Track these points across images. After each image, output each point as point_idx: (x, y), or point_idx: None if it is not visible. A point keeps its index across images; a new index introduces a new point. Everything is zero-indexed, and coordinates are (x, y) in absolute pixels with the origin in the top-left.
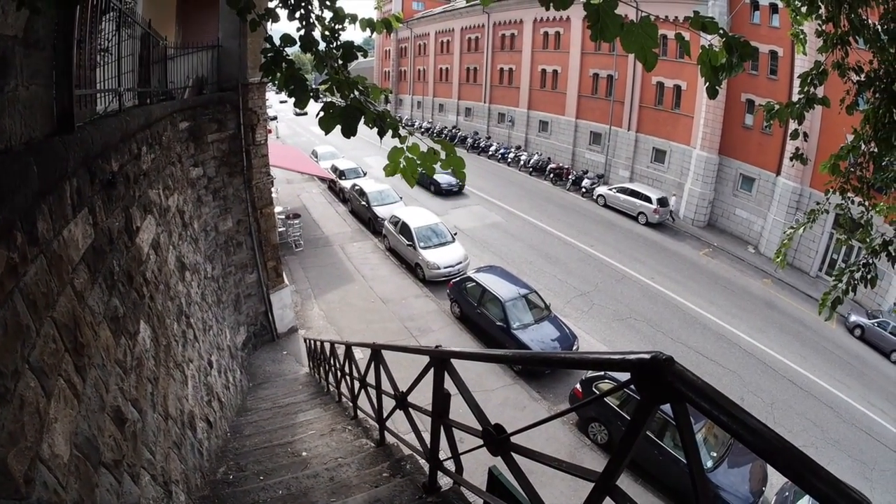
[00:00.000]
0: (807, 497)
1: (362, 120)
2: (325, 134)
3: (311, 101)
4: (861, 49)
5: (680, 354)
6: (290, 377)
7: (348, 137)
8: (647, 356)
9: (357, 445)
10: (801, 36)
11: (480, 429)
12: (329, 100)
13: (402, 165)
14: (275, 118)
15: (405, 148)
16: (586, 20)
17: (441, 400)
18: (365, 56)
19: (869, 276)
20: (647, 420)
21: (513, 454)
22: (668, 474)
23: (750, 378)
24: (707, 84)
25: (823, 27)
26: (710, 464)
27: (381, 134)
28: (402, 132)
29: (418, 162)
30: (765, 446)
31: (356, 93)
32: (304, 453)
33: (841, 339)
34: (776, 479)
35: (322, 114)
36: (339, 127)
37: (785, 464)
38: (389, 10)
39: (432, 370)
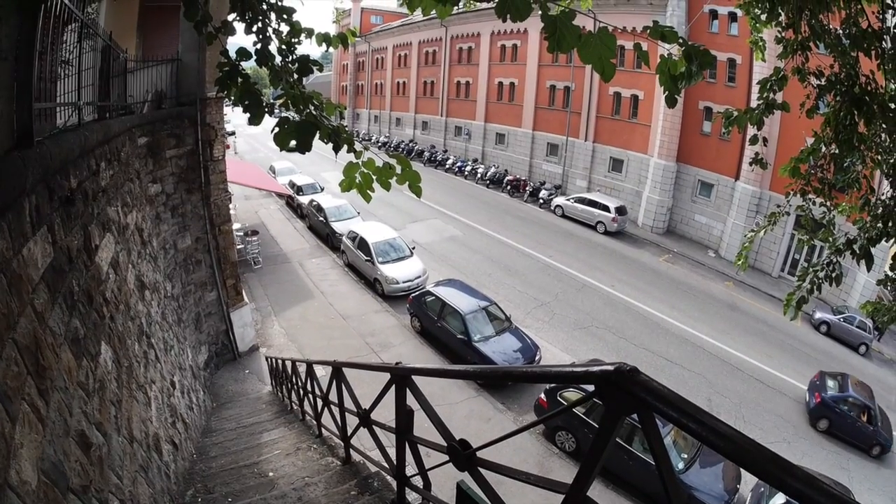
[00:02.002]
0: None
1: (317, 135)
2: (281, 150)
3: (266, 116)
4: (821, 54)
5: (644, 360)
6: (253, 396)
7: (303, 153)
8: (610, 368)
9: (323, 464)
10: (761, 43)
11: (446, 444)
12: (284, 115)
13: (357, 181)
14: (233, 133)
15: (360, 163)
16: (543, 31)
17: (404, 417)
18: (321, 70)
19: (833, 275)
20: (613, 431)
21: (480, 468)
22: (640, 478)
23: (716, 379)
24: (666, 93)
25: (783, 34)
26: (681, 465)
27: (337, 149)
28: (358, 147)
29: (374, 177)
30: (735, 450)
31: (311, 108)
32: (270, 473)
33: (807, 337)
34: (750, 476)
35: (277, 129)
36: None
37: (757, 466)
38: (348, 23)
39: (394, 387)
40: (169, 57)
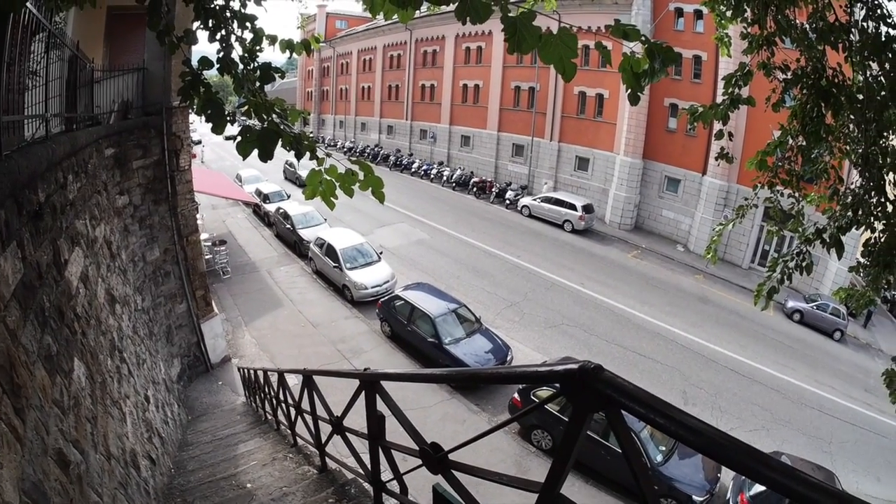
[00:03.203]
0: None
1: (280, 143)
2: (244, 158)
3: (229, 124)
4: (787, 49)
5: (617, 356)
6: (227, 408)
7: (265, 161)
8: (574, 366)
9: (300, 473)
10: (726, 39)
11: (418, 448)
12: (246, 123)
13: (321, 188)
14: (199, 142)
15: (323, 170)
16: (504, 33)
17: (375, 422)
18: (283, 77)
19: (804, 264)
20: (581, 430)
21: (454, 471)
22: (618, 472)
23: (690, 372)
24: (629, 91)
25: (749, 30)
26: (659, 458)
27: (299, 157)
28: (320, 154)
29: (337, 184)
30: (706, 443)
31: (274, 115)
32: (248, 485)
33: (780, 325)
34: None
35: (239, 138)
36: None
37: (731, 458)
38: (313, 29)
39: (364, 393)
40: (135, 66)
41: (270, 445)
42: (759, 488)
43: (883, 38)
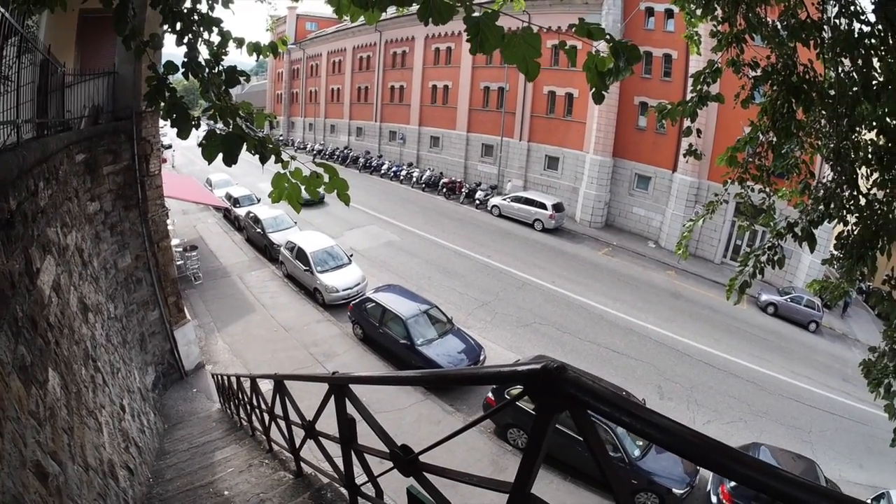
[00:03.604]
0: None
1: (245, 147)
2: (209, 163)
3: (194, 129)
4: (757, 46)
5: (590, 353)
6: (203, 415)
7: (229, 165)
8: (537, 366)
9: (276, 479)
10: (696, 37)
11: (389, 451)
12: (211, 128)
13: (286, 191)
14: (169, 147)
15: (288, 173)
16: (466, 33)
17: (346, 426)
18: (247, 81)
19: (776, 258)
20: (546, 430)
21: (426, 472)
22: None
23: (665, 366)
24: (593, 90)
25: (719, 28)
26: (637, 452)
27: (263, 160)
28: (285, 157)
29: (302, 186)
30: (676, 442)
31: (238, 119)
32: (226, 492)
33: (754, 318)
34: None
35: (204, 142)
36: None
37: (701, 456)
38: (283, 30)
39: (333, 397)
40: (106, 70)
41: (246, 452)
42: None
43: (856, 35)
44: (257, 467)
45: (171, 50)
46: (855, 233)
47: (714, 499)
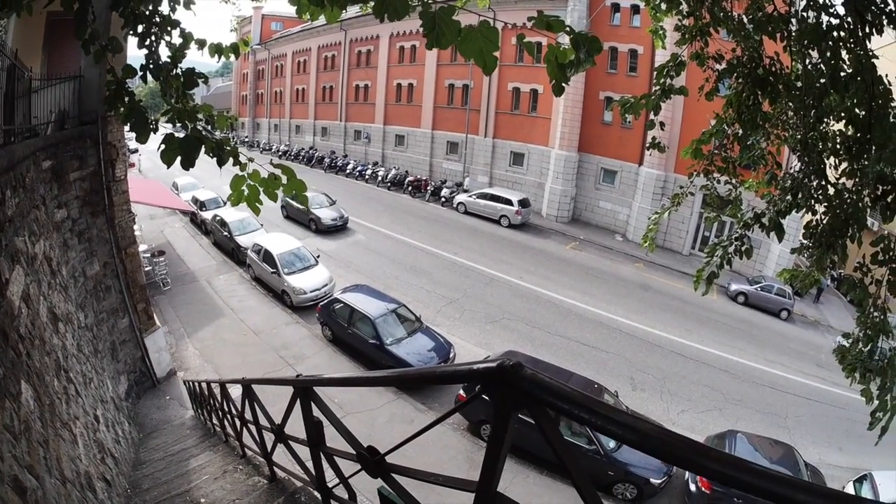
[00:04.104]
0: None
1: (203, 150)
2: (167, 167)
3: (153, 133)
4: (723, 39)
5: (560, 347)
6: (176, 423)
7: (187, 169)
8: (493, 365)
9: (250, 484)
10: (661, 32)
11: (356, 453)
12: (170, 132)
13: (245, 193)
14: (136, 151)
15: (246, 175)
16: (422, 28)
17: (312, 428)
18: (206, 82)
19: (743, 248)
20: (507, 429)
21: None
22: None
23: (636, 358)
24: (553, 82)
25: (684, 22)
26: (612, 444)
27: (221, 163)
28: (243, 159)
29: (261, 189)
30: (638, 437)
31: (196, 122)
32: (202, 500)
33: (724, 308)
34: None
35: (163, 146)
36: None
37: (665, 452)
38: (249, 31)
39: (299, 400)
40: (72, 73)
41: (221, 458)
42: None
43: (824, 27)
44: (232, 473)
45: (138, 53)
46: (824, 222)
47: (693, 486)
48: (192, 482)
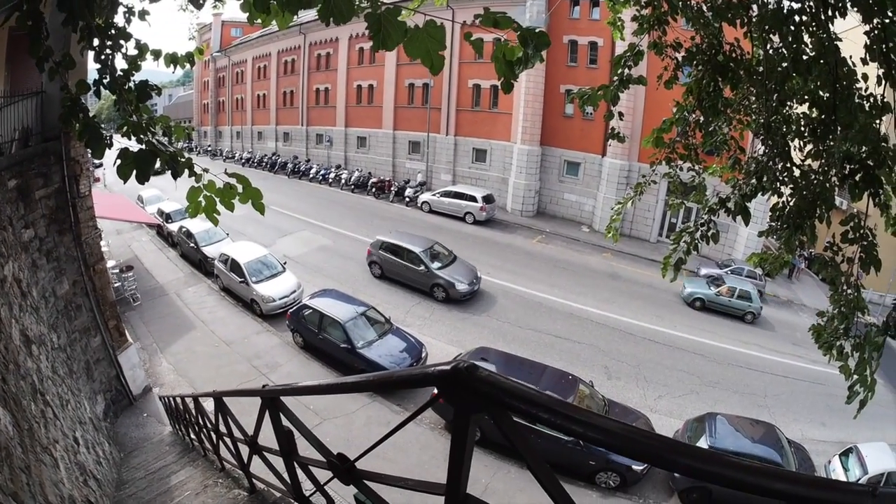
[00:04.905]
0: (703, 439)
1: (158, 163)
2: (124, 182)
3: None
4: (682, 29)
5: (532, 340)
6: (156, 440)
7: (142, 183)
8: (447, 367)
9: (231, 497)
10: (619, 23)
11: (326, 461)
12: (125, 146)
13: (202, 204)
14: (100, 165)
15: (202, 186)
16: (368, 30)
17: (283, 438)
18: (159, 94)
19: (710, 234)
20: (467, 433)
21: (366, 480)
22: (555, 454)
23: (609, 347)
24: (501, 80)
25: (642, 12)
26: None
27: (175, 176)
28: (197, 170)
29: (217, 199)
30: (600, 435)
31: (150, 134)
32: None
33: None
34: (664, 424)
35: (119, 161)
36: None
37: (632, 448)
38: (209, 38)
39: (267, 411)
40: (34, 89)
41: (200, 473)
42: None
43: (785, 12)
44: (212, 488)
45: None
46: (791, 203)
47: None
48: (175, 499)
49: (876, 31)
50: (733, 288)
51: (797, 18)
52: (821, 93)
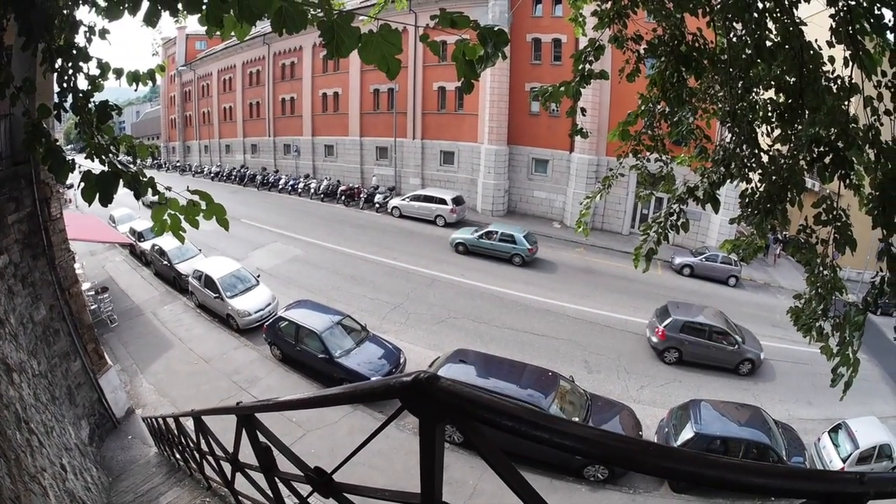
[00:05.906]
0: (689, 426)
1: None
2: (89, 205)
3: (72, 172)
4: (644, 21)
5: (510, 339)
6: (142, 462)
7: (105, 205)
8: (408, 379)
9: None
10: (581, 19)
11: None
12: (85, 168)
13: (167, 222)
14: (72, 186)
15: (166, 204)
16: (320, 39)
17: (261, 454)
18: (119, 114)
19: (679, 223)
20: (434, 444)
21: (345, 493)
22: (541, 451)
23: (588, 341)
24: (462, 80)
25: (603, 6)
26: None
27: (138, 196)
28: (160, 188)
29: (181, 217)
30: (570, 441)
31: (112, 155)
32: None
33: (672, 282)
34: (651, 422)
35: (82, 184)
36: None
37: (603, 453)
38: (174, 52)
39: (244, 427)
40: (1, 112)
41: (188, 493)
42: (684, 440)
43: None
44: None
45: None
46: (761, 189)
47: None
48: None
49: (842, 14)
50: None
51: (760, 5)
52: (787, 77)
